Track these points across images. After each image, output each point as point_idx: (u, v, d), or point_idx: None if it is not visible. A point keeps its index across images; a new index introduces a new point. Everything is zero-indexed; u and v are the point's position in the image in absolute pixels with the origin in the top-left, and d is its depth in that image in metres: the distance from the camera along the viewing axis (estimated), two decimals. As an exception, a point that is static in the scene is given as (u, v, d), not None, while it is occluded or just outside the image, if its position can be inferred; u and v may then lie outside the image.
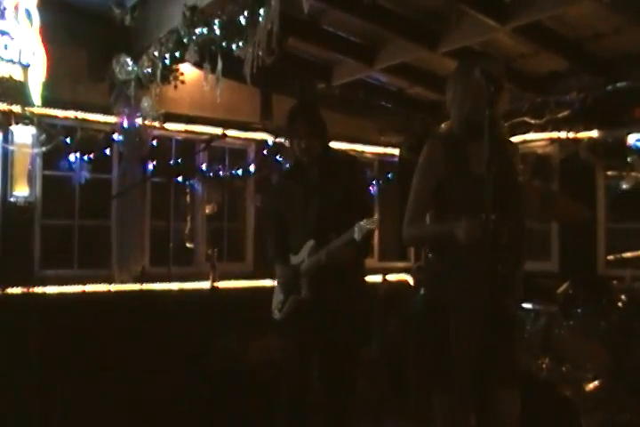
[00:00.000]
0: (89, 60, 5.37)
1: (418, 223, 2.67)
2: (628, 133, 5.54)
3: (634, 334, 3.88)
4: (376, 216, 3.09)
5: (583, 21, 4.88)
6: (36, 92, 4.83)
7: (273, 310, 3.55)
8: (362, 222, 3.02)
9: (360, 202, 3.40)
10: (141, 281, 5.43)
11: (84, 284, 5.18)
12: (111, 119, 5.40)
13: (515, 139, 5.77)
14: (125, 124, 5.39)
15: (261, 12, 4.00)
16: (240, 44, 4.25)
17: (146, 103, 5.25)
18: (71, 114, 5.23)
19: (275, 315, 3.53)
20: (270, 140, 6.25)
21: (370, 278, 5.88)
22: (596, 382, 3.73)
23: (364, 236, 3.02)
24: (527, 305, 4.20)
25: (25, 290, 4.90)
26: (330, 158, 3.41)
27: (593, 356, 3.87)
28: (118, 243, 5.51)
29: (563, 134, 5.87)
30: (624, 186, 5.50)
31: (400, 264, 7.02)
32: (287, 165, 5.37)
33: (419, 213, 2.68)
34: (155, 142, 5.61)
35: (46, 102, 4.94)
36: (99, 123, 5.39)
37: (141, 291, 5.38)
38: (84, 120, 5.31)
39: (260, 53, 4.12)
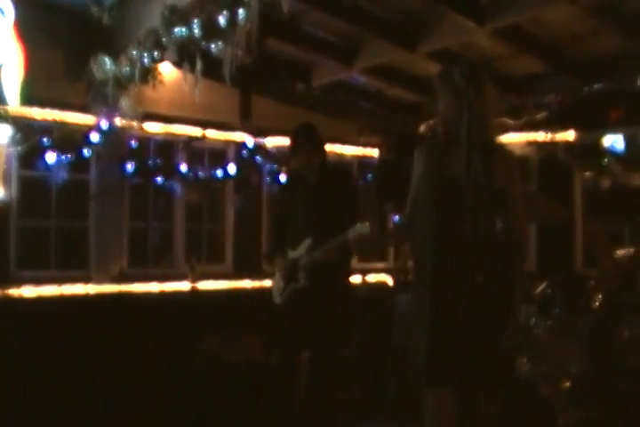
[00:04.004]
0: (66, 58, 5.31)
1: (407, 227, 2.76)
2: (605, 135, 5.61)
3: (610, 333, 3.92)
4: (367, 223, 3.44)
5: (561, 24, 4.93)
6: (11, 90, 4.77)
7: (274, 294, 4.10)
8: (356, 227, 3.46)
9: (351, 209, 3.96)
10: (120, 282, 5.39)
11: (62, 284, 5.13)
12: (89, 119, 5.34)
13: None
14: (103, 125, 5.34)
15: (241, 12, 3.99)
16: (219, 44, 4.24)
17: (124, 103, 5.21)
18: (48, 113, 5.17)
19: (275, 299, 4.06)
20: (250, 140, 6.23)
21: (350, 279, 5.87)
22: (573, 381, 3.76)
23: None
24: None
25: (0, 291, 4.84)
26: (327, 170, 4.07)
27: (570, 355, 3.91)
28: (96, 244, 5.46)
29: (540, 136, 5.92)
30: (601, 187, 5.57)
31: (379, 265, 7.03)
32: (288, 173, 5.60)
33: (407, 217, 2.77)
34: (133, 143, 5.57)
35: (22, 101, 4.88)
36: (76, 123, 5.33)
37: (120, 292, 5.34)
38: (61, 120, 5.24)
39: (240, 54, 4.11)
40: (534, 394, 3.52)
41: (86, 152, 5.37)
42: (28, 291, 4.97)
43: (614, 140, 5.57)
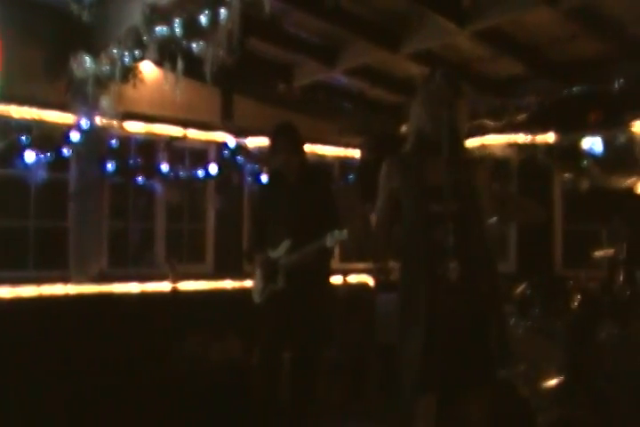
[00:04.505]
0: (45, 56, 5.26)
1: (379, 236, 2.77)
2: (584, 137, 5.66)
3: (588, 333, 3.96)
4: (346, 229, 3.64)
5: (540, 27, 4.97)
6: (-11, 88, 4.72)
7: (253, 294, 4.10)
8: (335, 232, 3.65)
9: (330, 210, 4.00)
10: (99, 282, 5.34)
11: (40, 285, 5.07)
12: (69, 118, 5.30)
13: (474, 141, 5.85)
14: (83, 123, 5.30)
15: (222, 11, 3.97)
16: (201, 43, 4.23)
17: (104, 102, 5.16)
18: (27, 111, 5.11)
19: (255, 298, 4.08)
20: (231, 140, 6.21)
21: (331, 280, 5.87)
22: (552, 381, 3.80)
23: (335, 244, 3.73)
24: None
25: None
26: (306, 170, 4.08)
27: (549, 355, 3.94)
28: (76, 244, 5.42)
29: (521, 137, 5.96)
30: (579, 189, 5.62)
31: (361, 265, 7.04)
32: (268, 173, 5.54)
33: (381, 228, 2.76)
34: (114, 142, 5.53)
35: (0, 99, 4.83)
36: (56, 121, 5.28)
37: (99, 292, 5.29)
38: (40, 118, 5.19)
39: (221, 53, 4.10)
40: (514, 394, 3.54)
41: (66, 151, 5.32)
42: (6, 291, 4.91)
43: (593, 143, 5.63)
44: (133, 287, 5.46)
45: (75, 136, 5.30)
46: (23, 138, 5.09)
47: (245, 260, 5.34)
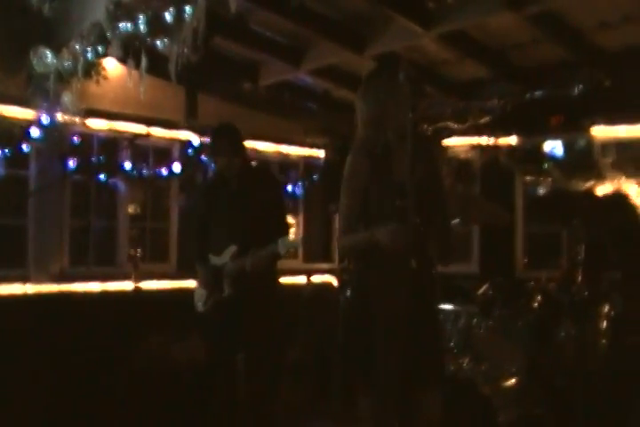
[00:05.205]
0: (3, 49, 5.14)
1: (350, 234, 2.71)
2: (545, 140, 5.76)
3: (548, 333, 4.02)
4: (300, 236, 3.41)
5: (504, 31, 5.04)
6: (-58, 81, 4.60)
7: (196, 303, 3.89)
8: (286, 239, 3.55)
9: (277, 213, 3.86)
10: (60, 281, 5.25)
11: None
12: (29, 113, 5.19)
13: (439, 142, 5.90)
14: (44, 119, 5.20)
15: (187, 9, 3.94)
16: (165, 40, 4.19)
17: (66, 98, 5.07)
18: (-17, 106, 5.01)
19: (198, 307, 3.89)
20: (195, 139, 6.17)
21: (294, 280, 5.90)
22: (513, 380, 3.85)
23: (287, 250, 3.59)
24: (448, 306, 4.30)
25: None
26: (249, 173, 3.91)
27: (510, 355, 4.00)
28: (35, 242, 5.31)
29: (484, 140, 6.04)
30: (541, 191, 5.71)
31: (325, 265, 7.05)
32: (211, 173, 5.43)
33: (351, 225, 2.71)
34: (76, 139, 5.44)
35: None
36: (15, 117, 5.17)
37: (60, 291, 5.20)
38: (-2, 113, 5.09)
39: (186, 51, 4.06)
40: (476, 393, 3.58)
41: (25, 147, 5.22)
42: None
43: (554, 146, 5.73)
44: (95, 287, 5.38)
45: (35, 132, 5.20)
46: (-19, 133, 4.98)
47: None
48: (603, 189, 5.27)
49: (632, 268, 4.46)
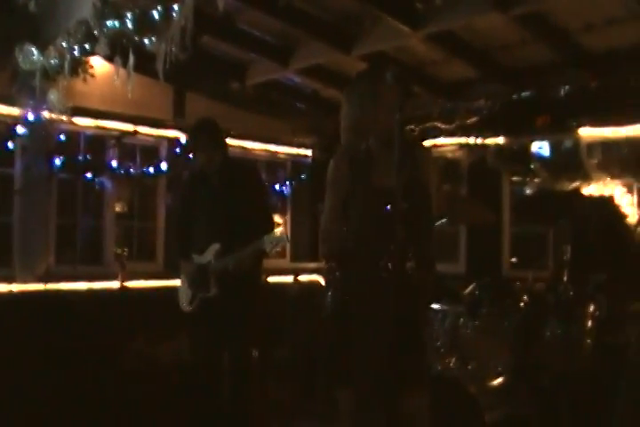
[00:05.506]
0: (-13, 46, 5.10)
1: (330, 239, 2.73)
2: (532, 141, 5.79)
3: (534, 333, 4.04)
4: (288, 233, 3.42)
5: (492, 32, 5.07)
6: None
7: (181, 303, 3.85)
8: (272, 235, 3.43)
9: (260, 209, 3.78)
10: (46, 281, 5.22)
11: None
12: (14, 111, 5.15)
13: (425, 143, 5.91)
14: (30, 117, 5.17)
15: (175, 7, 3.93)
16: (153, 38, 4.16)
17: (52, 96, 5.04)
18: (-32, 104, 4.97)
19: (183, 307, 3.82)
20: (183, 137, 6.14)
21: (281, 279, 5.89)
22: (499, 380, 3.87)
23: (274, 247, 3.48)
24: (435, 305, 4.31)
25: None
26: (230, 168, 3.82)
27: (496, 354, 4.01)
28: (21, 241, 5.27)
29: (471, 140, 6.06)
30: (527, 191, 5.74)
31: (312, 265, 7.05)
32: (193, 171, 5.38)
33: (333, 228, 2.71)
34: (62, 137, 5.41)
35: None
36: (0, 113, 5.14)
37: (46, 291, 5.17)
38: (-18, 111, 5.05)
39: (174, 50, 4.05)
40: (463, 392, 3.59)
41: (11, 145, 5.18)
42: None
43: (541, 147, 5.76)
44: (81, 286, 5.35)
45: (20, 130, 5.17)
46: (-36, 131, 4.94)
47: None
48: (589, 190, 5.30)
49: (616, 268, 4.49)
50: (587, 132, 5.45)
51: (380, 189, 2.54)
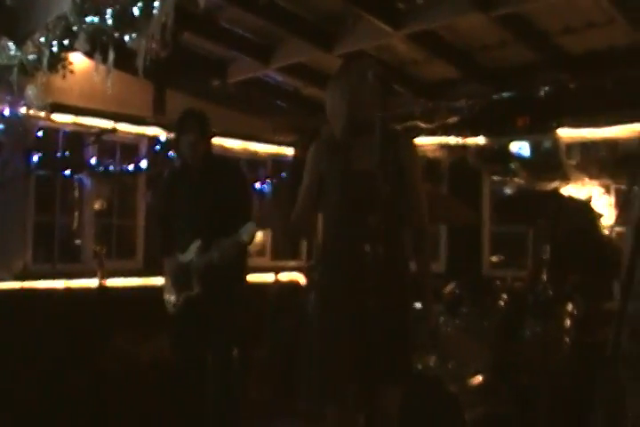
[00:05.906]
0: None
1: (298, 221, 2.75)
2: (512, 141, 5.83)
3: (514, 332, 4.07)
4: (254, 224, 3.43)
5: (473, 33, 5.09)
6: None
7: (167, 304, 3.77)
8: (249, 225, 3.41)
9: (241, 205, 3.71)
10: (23, 279, 5.15)
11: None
12: (-9, 107, 5.09)
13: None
14: (7, 113, 5.10)
15: (156, 3, 3.90)
16: (133, 35, 4.13)
17: (30, 91, 4.98)
18: (-56, 99, 4.89)
19: (169, 309, 3.76)
20: (163, 135, 6.10)
21: (262, 278, 5.86)
22: (479, 378, 3.89)
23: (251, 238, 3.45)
24: (415, 304, 4.32)
25: None
26: (213, 164, 3.76)
27: (476, 353, 4.04)
28: (-3, 238, 5.21)
29: (452, 140, 6.09)
30: (507, 191, 5.78)
31: (292, 263, 7.04)
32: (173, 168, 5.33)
33: (303, 210, 2.73)
34: (40, 133, 5.35)
35: None
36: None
37: (23, 289, 5.10)
38: (-41, 106, 4.98)
39: (154, 46, 4.02)
40: (443, 391, 3.61)
41: (-12, 141, 5.12)
42: None
43: (520, 147, 5.80)
44: (59, 284, 5.30)
45: (-3, 126, 5.10)
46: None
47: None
48: (568, 190, 5.35)
49: (591, 269, 4.54)
50: (566, 133, 5.51)
51: (359, 171, 2.54)
